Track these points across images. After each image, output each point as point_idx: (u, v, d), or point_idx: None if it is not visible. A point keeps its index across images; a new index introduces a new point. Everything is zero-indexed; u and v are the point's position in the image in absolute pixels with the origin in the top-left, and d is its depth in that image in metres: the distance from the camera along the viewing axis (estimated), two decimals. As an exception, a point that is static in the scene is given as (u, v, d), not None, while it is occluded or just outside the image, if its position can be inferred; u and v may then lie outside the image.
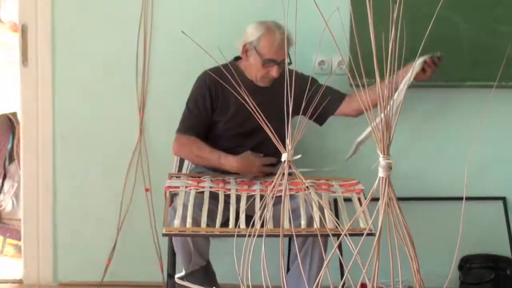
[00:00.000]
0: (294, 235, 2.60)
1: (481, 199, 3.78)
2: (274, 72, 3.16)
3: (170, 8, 3.64)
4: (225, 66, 3.03)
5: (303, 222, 2.79)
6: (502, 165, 3.81)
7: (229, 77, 2.19)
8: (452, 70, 3.57)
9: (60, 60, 3.63)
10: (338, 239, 2.75)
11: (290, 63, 3.15)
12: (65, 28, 3.61)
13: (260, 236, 1.74)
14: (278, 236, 2.61)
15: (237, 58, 3.33)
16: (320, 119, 3.35)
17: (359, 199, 3.00)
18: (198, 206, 2.87)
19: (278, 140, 1.72)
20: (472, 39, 3.55)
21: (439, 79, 3.56)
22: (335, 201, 3.10)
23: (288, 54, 3.18)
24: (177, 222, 2.76)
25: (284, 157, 1.69)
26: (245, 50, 3.20)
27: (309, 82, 2.10)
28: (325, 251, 2.96)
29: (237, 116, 3.26)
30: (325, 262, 1.58)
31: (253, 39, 3.16)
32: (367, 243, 1.61)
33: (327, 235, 2.72)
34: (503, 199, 3.82)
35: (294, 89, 1.72)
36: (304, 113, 2.09)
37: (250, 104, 1.71)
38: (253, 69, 3.20)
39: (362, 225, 2.77)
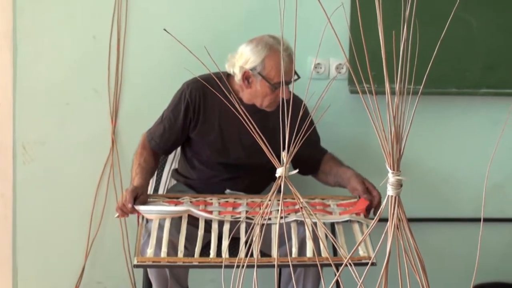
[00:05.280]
0: (290, 265, 2.54)
1: (496, 220, 3.77)
2: (285, 93, 3.02)
3: (148, -1, 3.59)
4: (211, 80, 2.91)
5: (294, 250, 2.71)
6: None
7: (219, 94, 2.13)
8: (464, 75, 3.56)
9: (21, 61, 3.59)
10: (337, 267, 2.72)
11: (297, 78, 3.09)
12: (28, 24, 3.57)
13: (249, 266, 1.69)
14: (268, 266, 2.57)
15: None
16: (308, 169, 3.33)
17: (358, 222, 2.94)
18: (175, 227, 2.80)
19: (275, 156, 1.68)
20: (487, 41, 3.54)
21: (449, 85, 3.54)
22: (332, 223, 3.06)
23: (295, 71, 3.09)
24: (150, 251, 2.67)
25: (279, 172, 1.66)
26: (246, 77, 3.09)
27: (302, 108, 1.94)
28: (321, 279, 2.92)
29: (220, 140, 3.22)
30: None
31: (256, 64, 3.05)
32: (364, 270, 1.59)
33: (327, 264, 2.67)
34: (522, 221, 3.80)
35: (291, 116, 1.65)
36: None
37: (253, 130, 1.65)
38: (259, 96, 3.10)
39: (361, 253, 2.72)
